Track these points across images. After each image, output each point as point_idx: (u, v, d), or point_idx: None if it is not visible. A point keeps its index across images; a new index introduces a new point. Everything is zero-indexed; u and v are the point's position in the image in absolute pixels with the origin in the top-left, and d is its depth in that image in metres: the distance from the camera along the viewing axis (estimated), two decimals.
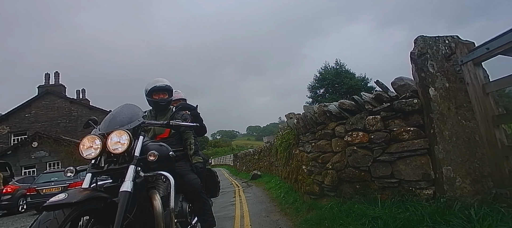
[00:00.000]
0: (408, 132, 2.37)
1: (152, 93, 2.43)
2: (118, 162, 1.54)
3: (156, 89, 2.42)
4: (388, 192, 2.51)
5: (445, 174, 2.14)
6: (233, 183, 10.95)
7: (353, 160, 2.79)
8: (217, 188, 3.04)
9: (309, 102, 27.11)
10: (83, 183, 1.50)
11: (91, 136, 1.54)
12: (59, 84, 20.44)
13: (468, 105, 2.26)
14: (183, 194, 2.28)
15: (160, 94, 2.45)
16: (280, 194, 5.32)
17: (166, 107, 2.50)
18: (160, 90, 2.44)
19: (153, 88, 2.42)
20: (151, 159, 1.60)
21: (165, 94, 2.47)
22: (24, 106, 19.30)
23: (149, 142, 1.85)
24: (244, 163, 16.88)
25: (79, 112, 19.78)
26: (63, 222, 1.12)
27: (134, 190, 1.43)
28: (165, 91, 2.46)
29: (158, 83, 2.43)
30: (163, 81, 2.47)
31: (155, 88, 2.42)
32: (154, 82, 2.45)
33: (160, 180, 1.89)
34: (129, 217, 1.40)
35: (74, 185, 7.35)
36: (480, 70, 2.19)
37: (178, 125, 1.99)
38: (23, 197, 9.65)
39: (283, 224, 3.36)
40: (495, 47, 1.99)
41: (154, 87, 2.42)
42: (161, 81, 2.46)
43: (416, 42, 2.39)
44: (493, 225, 1.69)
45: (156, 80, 2.47)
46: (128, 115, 1.72)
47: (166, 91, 2.46)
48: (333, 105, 3.20)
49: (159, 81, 2.45)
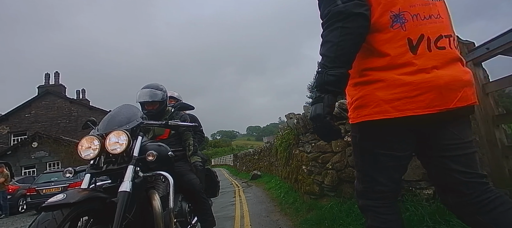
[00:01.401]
0: None
1: (142, 104, 2.36)
2: (117, 162, 1.54)
3: (142, 103, 2.34)
4: None
5: None
6: (233, 183, 10.95)
7: (353, 160, 2.78)
8: (217, 188, 3.05)
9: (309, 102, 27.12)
10: (82, 183, 1.50)
11: (89, 136, 1.54)
12: (59, 84, 20.45)
13: None
14: (182, 194, 2.28)
15: (149, 106, 2.36)
16: (280, 194, 5.32)
17: (160, 113, 2.41)
18: (148, 103, 2.35)
19: (139, 101, 2.33)
20: (150, 159, 1.60)
21: (155, 105, 2.37)
22: (24, 106, 19.31)
23: (148, 142, 1.85)
24: (244, 163, 16.89)
25: (79, 113, 19.80)
26: (62, 222, 1.11)
27: (133, 190, 1.43)
28: (152, 103, 2.35)
29: (141, 98, 2.32)
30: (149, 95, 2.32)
31: (140, 102, 2.34)
32: (138, 96, 2.33)
33: (159, 180, 1.89)
34: (128, 217, 1.40)
35: (74, 185, 7.35)
36: (480, 70, 2.18)
37: (177, 125, 1.98)
38: (23, 197, 9.66)
39: (283, 224, 3.36)
40: (495, 47, 1.98)
41: (140, 102, 2.33)
42: (146, 95, 2.32)
43: None
44: None
45: (141, 94, 2.33)
46: (126, 115, 1.71)
47: (155, 103, 2.36)
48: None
49: (142, 95, 2.32)
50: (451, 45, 1.01)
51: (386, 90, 0.96)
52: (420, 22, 0.98)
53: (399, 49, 0.97)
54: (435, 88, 0.94)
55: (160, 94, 2.38)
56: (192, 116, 3.04)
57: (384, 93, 0.96)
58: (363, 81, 1.03)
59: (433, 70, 0.95)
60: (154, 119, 2.27)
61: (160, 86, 2.44)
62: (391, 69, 0.97)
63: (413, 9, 0.99)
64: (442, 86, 0.94)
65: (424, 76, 0.94)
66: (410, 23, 0.98)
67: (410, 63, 0.96)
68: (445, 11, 1.06)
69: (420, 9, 0.99)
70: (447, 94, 0.95)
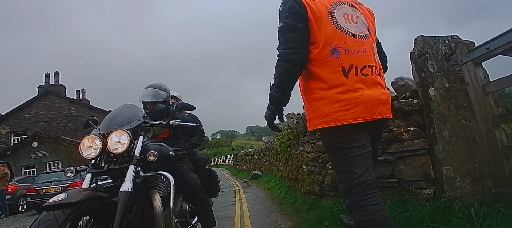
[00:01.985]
0: (408, 132, 2.37)
1: (145, 103, 2.41)
2: (118, 162, 1.55)
3: (144, 102, 2.39)
4: (388, 192, 2.51)
5: (445, 174, 2.14)
6: (233, 183, 10.95)
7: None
8: (217, 188, 3.05)
9: None
10: (83, 183, 1.50)
11: (91, 136, 1.54)
12: (59, 84, 20.45)
13: (468, 105, 2.26)
14: (183, 194, 2.28)
15: (151, 105, 2.41)
16: (280, 194, 5.32)
17: (161, 113, 2.44)
18: (150, 102, 2.40)
19: (142, 101, 2.39)
20: (151, 159, 1.61)
21: (157, 104, 2.41)
22: (24, 107, 19.30)
23: (149, 142, 1.85)
24: (244, 163, 16.88)
25: (79, 113, 19.80)
26: (63, 222, 1.12)
27: (134, 190, 1.43)
28: (155, 103, 2.40)
29: (144, 98, 2.38)
30: (152, 95, 2.38)
31: (143, 101, 2.39)
32: (141, 95, 2.39)
33: (160, 180, 1.90)
34: (129, 217, 1.40)
35: (74, 185, 7.35)
36: (480, 70, 2.19)
37: (178, 125, 1.99)
38: (23, 197, 9.66)
39: (283, 224, 3.36)
40: (495, 47, 1.99)
41: (142, 101, 2.39)
42: (149, 95, 2.38)
43: (416, 42, 2.39)
44: (493, 225, 1.69)
45: (144, 93, 2.40)
46: (128, 115, 1.72)
47: (157, 102, 2.41)
48: None
49: (146, 95, 2.38)
50: (373, 73, 1.38)
51: (328, 105, 1.33)
52: (350, 54, 1.34)
53: (336, 74, 1.32)
54: (361, 103, 1.30)
55: (163, 95, 2.42)
56: (193, 116, 3.05)
57: (327, 107, 1.33)
58: (312, 98, 1.41)
59: (360, 90, 1.31)
60: (156, 118, 2.32)
61: (163, 86, 2.48)
62: (330, 89, 1.33)
63: (345, 45, 1.35)
64: (366, 102, 1.30)
65: (353, 95, 1.30)
66: (343, 55, 1.33)
67: (343, 84, 1.31)
68: (371, 47, 1.42)
69: (351, 45, 1.35)
70: (371, 108, 1.31)
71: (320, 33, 1.36)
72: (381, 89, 1.40)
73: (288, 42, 1.35)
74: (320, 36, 1.36)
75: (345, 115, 1.29)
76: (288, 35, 1.36)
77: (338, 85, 1.31)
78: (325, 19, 1.37)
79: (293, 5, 1.35)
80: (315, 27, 1.36)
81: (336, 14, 1.40)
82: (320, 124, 1.37)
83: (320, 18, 1.36)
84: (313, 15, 1.36)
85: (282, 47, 1.36)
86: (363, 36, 1.41)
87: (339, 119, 1.30)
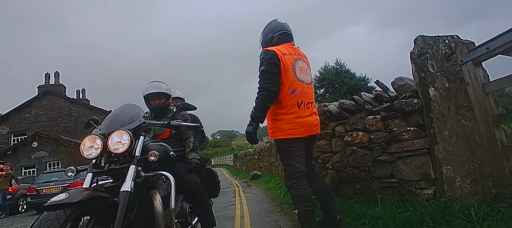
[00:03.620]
0: (408, 132, 2.38)
1: (148, 99, 2.43)
2: (119, 162, 1.55)
3: (150, 96, 2.41)
4: (388, 192, 2.51)
5: (445, 174, 2.14)
6: (233, 183, 10.95)
7: (353, 160, 2.79)
8: (217, 188, 3.05)
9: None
10: (83, 183, 1.50)
11: (92, 135, 1.54)
12: (59, 84, 20.45)
13: (468, 105, 2.26)
14: (183, 194, 2.29)
15: (156, 100, 2.44)
16: (280, 194, 5.32)
17: (164, 110, 2.49)
18: (154, 96, 2.43)
19: (147, 95, 2.41)
20: (152, 159, 1.61)
21: (161, 99, 2.45)
22: (24, 106, 19.30)
23: (150, 142, 1.86)
24: (244, 163, 16.88)
25: (79, 113, 19.79)
26: (64, 222, 1.12)
27: (135, 190, 1.44)
28: (159, 97, 2.44)
29: (151, 90, 2.42)
30: (157, 87, 2.44)
31: (149, 95, 2.41)
32: (147, 89, 2.43)
33: (160, 180, 1.90)
34: (129, 217, 1.40)
35: (74, 185, 7.35)
36: (480, 70, 2.19)
37: (179, 125, 1.99)
38: (23, 197, 9.65)
39: (283, 224, 3.36)
40: (495, 47, 1.99)
41: (148, 94, 2.41)
42: (154, 87, 2.43)
43: (416, 42, 2.39)
44: (493, 225, 1.69)
45: (149, 86, 2.44)
46: (129, 115, 1.72)
47: (162, 96, 2.45)
48: (333, 105, 3.20)
49: (151, 88, 2.43)
50: (312, 106, 2.23)
51: (286, 124, 2.10)
52: (302, 95, 2.14)
53: (293, 106, 2.10)
54: (305, 125, 2.12)
55: (164, 86, 2.48)
56: (194, 116, 3.05)
57: (285, 126, 2.10)
58: (276, 118, 2.15)
59: (305, 117, 2.13)
60: (160, 113, 2.42)
61: (163, 82, 2.54)
62: (288, 114, 2.10)
63: (299, 89, 2.13)
64: (308, 125, 2.14)
65: (301, 120, 2.10)
66: (298, 94, 2.12)
67: (296, 113, 2.10)
68: (311, 90, 2.27)
69: (302, 89, 2.15)
70: (309, 128, 2.15)
71: (287, 79, 2.09)
72: (315, 116, 2.25)
73: (269, 80, 2.04)
74: (287, 80, 2.09)
75: (295, 132, 2.09)
76: (269, 75, 2.05)
77: (293, 112, 2.09)
78: (290, 70, 2.10)
79: (272, 57, 2.07)
80: (283, 74, 2.08)
81: (296, 67, 2.15)
82: (280, 135, 2.13)
83: (287, 69, 2.09)
84: (284, 66, 2.08)
85: (265, 82, 2.05)
86: (308, 83, 2.24)
87: (292, 133, 2.09)
